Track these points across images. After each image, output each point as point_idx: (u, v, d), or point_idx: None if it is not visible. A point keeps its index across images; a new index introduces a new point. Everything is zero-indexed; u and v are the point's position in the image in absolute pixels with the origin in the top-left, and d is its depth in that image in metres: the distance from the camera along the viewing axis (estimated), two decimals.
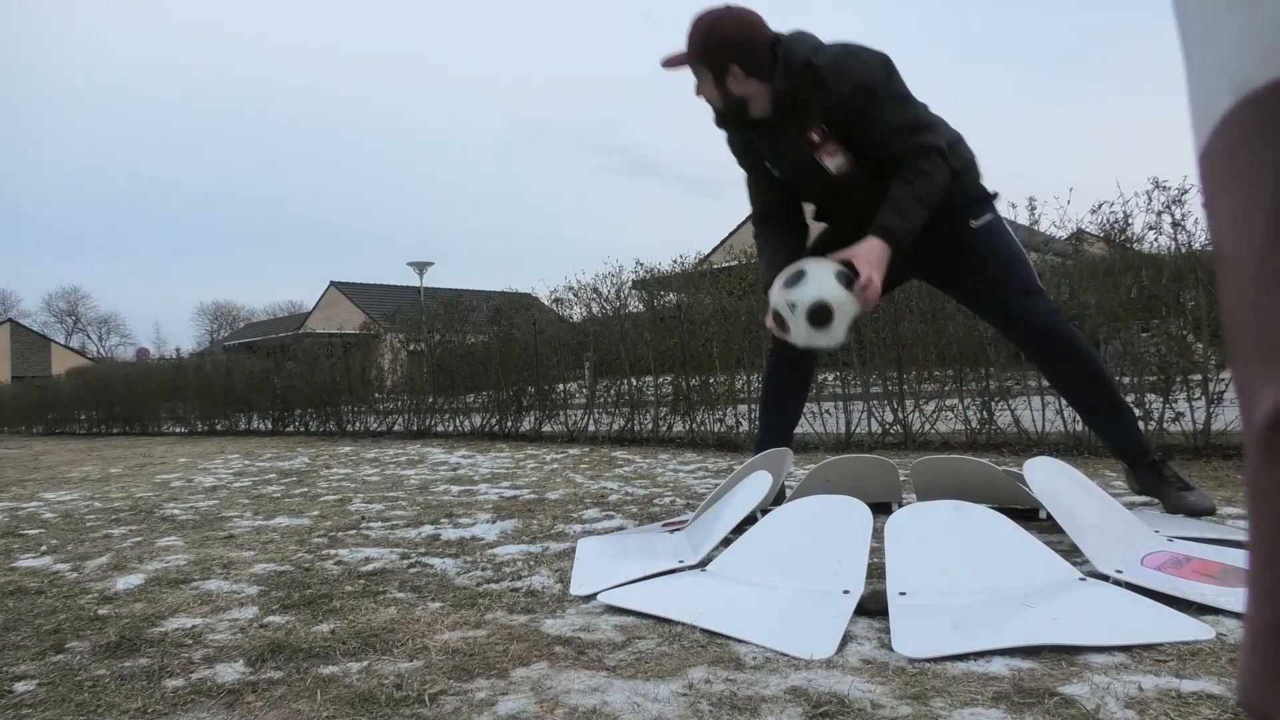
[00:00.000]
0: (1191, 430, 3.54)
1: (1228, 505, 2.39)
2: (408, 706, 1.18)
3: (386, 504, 3.28)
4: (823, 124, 2.17)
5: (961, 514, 1.70)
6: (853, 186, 2.27)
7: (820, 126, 2.18)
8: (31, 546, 2.65)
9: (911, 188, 2.12)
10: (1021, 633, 1.32)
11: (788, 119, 2.20)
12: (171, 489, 4.21)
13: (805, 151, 2.23)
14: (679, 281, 5.80)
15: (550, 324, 6.80)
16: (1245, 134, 0.34)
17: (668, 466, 4.17)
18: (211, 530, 2.82)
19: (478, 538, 2.46)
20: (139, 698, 1.27)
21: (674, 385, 5.53)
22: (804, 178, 2.33)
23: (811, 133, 2.19)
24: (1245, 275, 0.33)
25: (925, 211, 2.14)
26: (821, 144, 2.20)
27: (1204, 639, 1.29)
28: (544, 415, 6.60)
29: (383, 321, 9.61)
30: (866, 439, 4.64)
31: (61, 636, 1.61)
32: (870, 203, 2.18)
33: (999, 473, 2.29)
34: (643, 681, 1.24)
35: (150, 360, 18.79)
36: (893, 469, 2.52)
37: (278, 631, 1.58)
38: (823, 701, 1.13)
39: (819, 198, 2.42)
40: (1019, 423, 4.14)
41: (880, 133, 2.14)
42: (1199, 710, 1.05)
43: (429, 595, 1.81)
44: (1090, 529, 1.71)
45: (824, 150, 2.21)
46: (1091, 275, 3.97)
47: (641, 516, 2.70)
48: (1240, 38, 0.33)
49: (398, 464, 5.01)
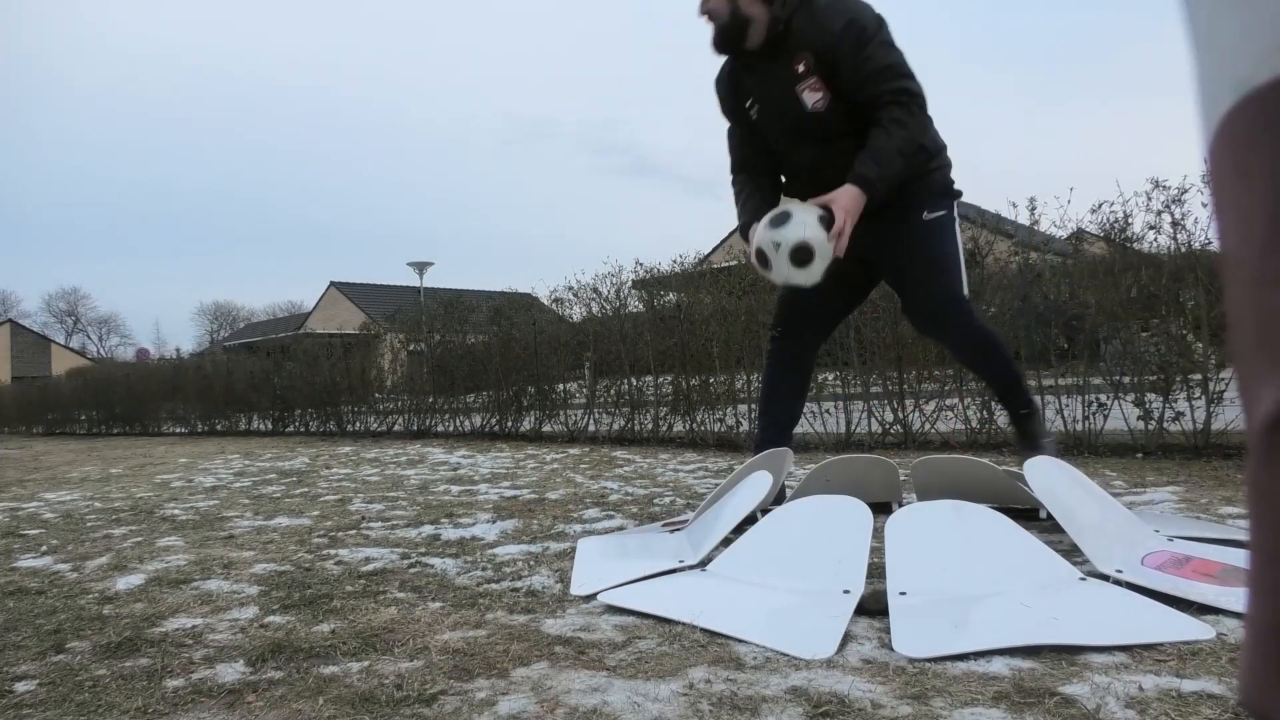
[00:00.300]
0: (1191, 430, 3.54)
1: (1228, 505, 2.39)
2: (408, 706, 1.18)
3: (387, 504, 3.28)
4: (812, 56, 2.22)
5: (961, 514, 1.70)
6: (822, 141, 2.32)
7: (808, 58, 2.22)
8: (32, 547, 2.65)
9: (890, 139, 2.17)
10: (1022, 632, 1.32)
11: (777, 49, 2.26)
12: (172, 489, 4.21)
13: (787, 86, 2.27)
14: (679, 281, 5.80)
15: (550, 324, 6.80)
16: (1245, 133, 0.34)
17: (668, 466, 4.17)
18: (212, 530, 2.82)
19: (478, 538, 2.46)
20: (139, 698, 1.27)
21: (674, 385, 5.53)
22: (780, 117, 2.35)
23: (798, 63, 2.24)
24: (1246, 274, 0.33)
25: (902, 163, 2.20)
26: (805, 76, 2.24)
27: (1204, 639, 1.29)
28: (544, 415, 6.60)
29: (383, 321, 9.61)
30: (866, 439, 4.64)
31: (62, 636, 1.61)
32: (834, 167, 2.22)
33: (999, 473, 2.29)
34: (643, 681, 1.24)
35: (150, 360, 18.79)
36: (893, 469, 2.52)
37: (278, 631, 1.58)
38: (823, 701, 1.13)
39: (791, 144, 2.42)
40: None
41: (865, 72, 2.18)
42: (1199, 710, 1.05)
43: (429, 595, 1.81)
44: (1090, 529, 1.71)
45: (806, 84, 2.25)
46: (1091, 275, 3.97)
47: (641, 516, 2.70)
48: (1240, 36, 0.33)
49: (398, 464, 5.01)
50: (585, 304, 6.34)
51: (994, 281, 4.35)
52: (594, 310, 6.29)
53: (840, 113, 2.26)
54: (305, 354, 9.26)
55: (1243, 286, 0.34)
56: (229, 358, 11.52)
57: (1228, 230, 0.35)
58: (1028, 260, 4.26)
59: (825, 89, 2.24)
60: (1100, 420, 3.88)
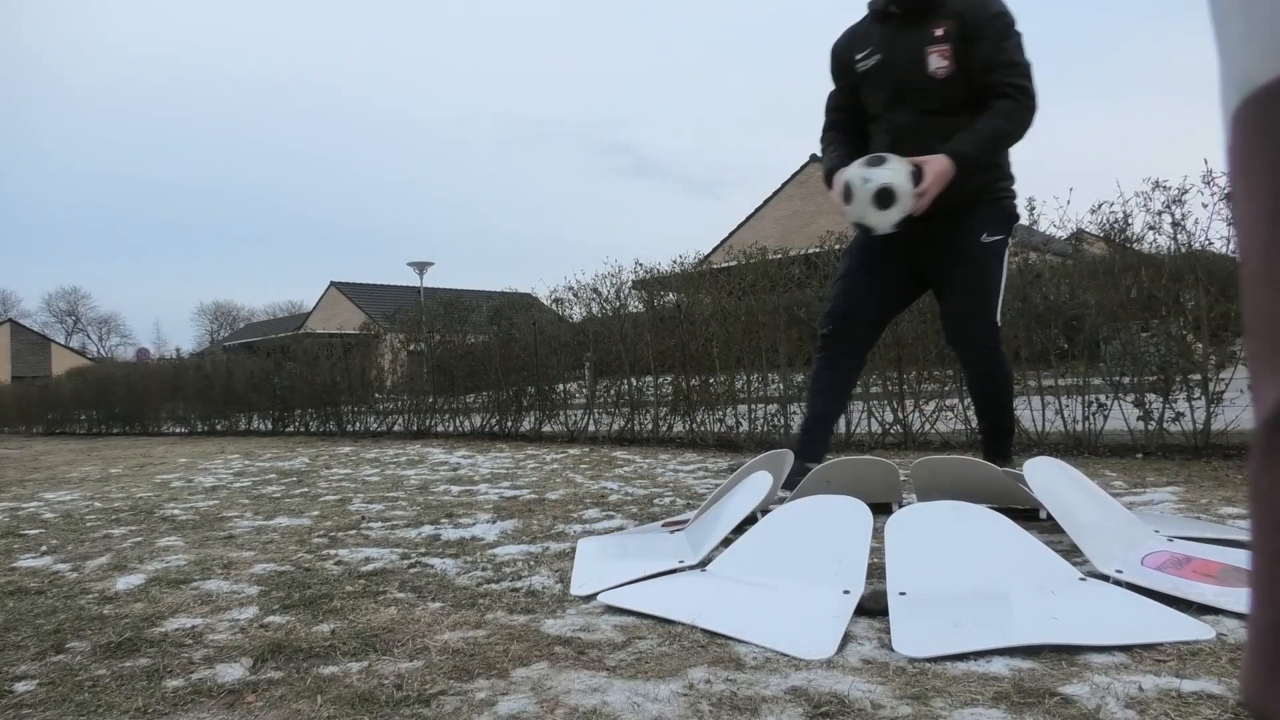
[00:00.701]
0: (1191, 430, 3.54)
1: (1228, 505, 2.39)
2: (408, 707, 1.18)
3: (386, 504, 3.28)
4: (954, 25, 2.40)
5: (961, 514, 1.70)
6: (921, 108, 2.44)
7: (950, 25, 2.41)
8: (32, 547, 2.65)
9: (991, 125, 2.34)
10: (1021, 633, 1.32)
11: (925, 10, 2.44)
12: (171, 489, 4.21)
13: (920, 45, 2.44)
14: (679, 281, 5.80)
15: (550, 324, 6.80)
16: (1249, 132, 0.34)
17: (668, 467, 4.17)
18: (212, 530, 2.82)
19: (478, 538, 2.46)
20: (139, 698, 1.26)
21: (674, 385, 5.53)
22: (894, 71, 2.49)
23: (938, 28, 2.42)
24: (1253, 274, 0.33)
25: (995, 152, 2.39)
26: (941, 41, 2.42)
27: (1204, 639, 1.29)
28: (544, 415, 6.60)
29: (383, 321, 9.60)
30: (866, 439, 4.64)
31: (62, 637, 1.61)
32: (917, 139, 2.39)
33: (999, 473, 2.29)
34: (643, 681, 1.24)
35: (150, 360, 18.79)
36: (893, 469, 2.52)
37: (278, 632, 1.58)
38: (823, 701, 1.13)
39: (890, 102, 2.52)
40: (1019, 423, 4.13)
41: (999, 59, 2.34)
42: (1199, 710, 1.05)
43: (429, 595, 1.81)
44: (1090, 529, 1.71)
45: (938, 49, 2.42)
46: (1091, 275, 3.97)
47: (641, 516, 2.70)
48: (1245, 35, 0.33)
49: (398, 464, 5.01)
50: (585, 304, 6.34)
51: None
52: (594, 310, 6.29)
53: (951, 88, 2.42)
54: (305, 354, 9.25)
55: (1251, 287, 0.34)
56: (229, 358, 11.51)
57: (1239, 231, 0.35)
58: (1028, 260, 4.26)
59: (951, 59, 2.42)
60: (1100, 420, 3.88)
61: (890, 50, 2.49)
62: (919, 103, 2.45)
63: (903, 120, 2.48)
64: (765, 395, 5.06)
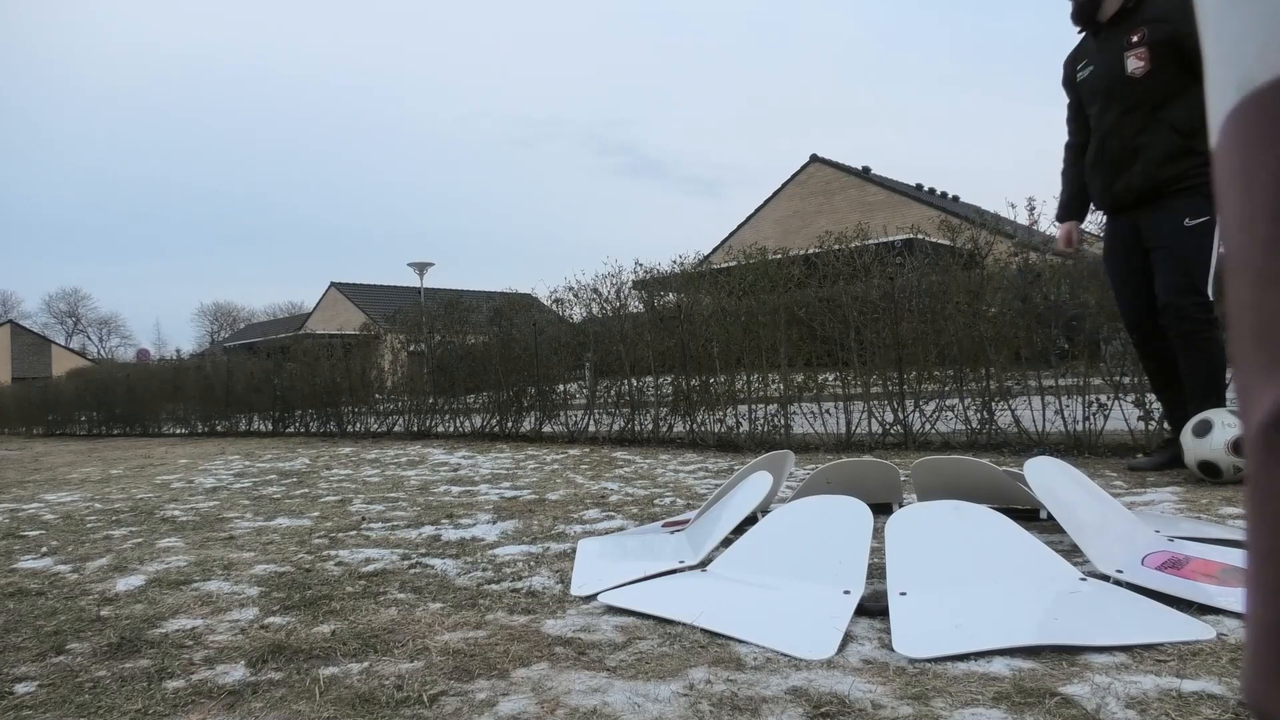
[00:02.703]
0: None
1: (1228, 505, 2.39)
2: (408, 707, 1.18)
3: (387, 505, 3.28)
4: (1146, 30, 2.77)
5: (961, 514, 1.70)
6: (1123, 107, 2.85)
7: (1144, 31, 2.78)
8: (32, 548, 2.65)
9: None
10: (1022, 633, 1.32)
11: (1123, 21, 2.84)
12: (172, 490, 4.21)
13: (1119, 51, 2.84)
14: (679, 282, 5.80)
15: (550, 324, 6.80)
16: (1246, 132, 0.34)
17: (668, 467, 4.17)
18: (212, 531, 2.82)
19: (478, 538, 2.46)
20: (139, 699, 1.26)
21: (674, 386, 5.53)
22: (1102, 77, 2.92)
23: (1134, 34, 2.80)
24: (1247, 274, 0.33)
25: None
26: (1137, 45, 2.78)
27: (1204, 639, 1.29)
28: (544, 416, 6.60)
29: (383, 322, 9.60)
30: (867, 439, 4.64)
31: (62, 638, 1.61)
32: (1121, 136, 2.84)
33: (999, 473, 2.29)
34: (643, 682, 1.24)
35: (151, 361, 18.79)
36: (893, 470, 2.52)
37: (278, 632, 1.58)
38: (823, 702, 1.13)
39: (1102, 106, 2.95)
40: (1019, 423, 4.13)
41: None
42: (1199, 710, 1.05)
43: (429, 596, 1.81)
44: (1090, 529, 1.71)
45: (1134, 51, 2.79)
46: (1091, 275, 3.97)
47: (642, 517, 2.70)
48: (1241, 35, 0.33)
49: (398, 465, 5.01)
50: (585, 304, 6.35)
51: (994, 282, 4.35)
52: (594, 311, 6.29)
53: (1148, 85, 2.78)
54: (305, 354, 9.25)
55: (1244, 285, 0.34)
56: (229, 358, 11.51)
57: (1230, 230, 0.35)
58: (1028, 260, 4.26)
59: (1147, 60, 2.76)
60: (1100, 420, 3.88)
61: (1099, 61, 2.91)
62: (1122, 99, 2.83)
63: (1108, 120, 2.90)
64: (765, 395, 5.06)
